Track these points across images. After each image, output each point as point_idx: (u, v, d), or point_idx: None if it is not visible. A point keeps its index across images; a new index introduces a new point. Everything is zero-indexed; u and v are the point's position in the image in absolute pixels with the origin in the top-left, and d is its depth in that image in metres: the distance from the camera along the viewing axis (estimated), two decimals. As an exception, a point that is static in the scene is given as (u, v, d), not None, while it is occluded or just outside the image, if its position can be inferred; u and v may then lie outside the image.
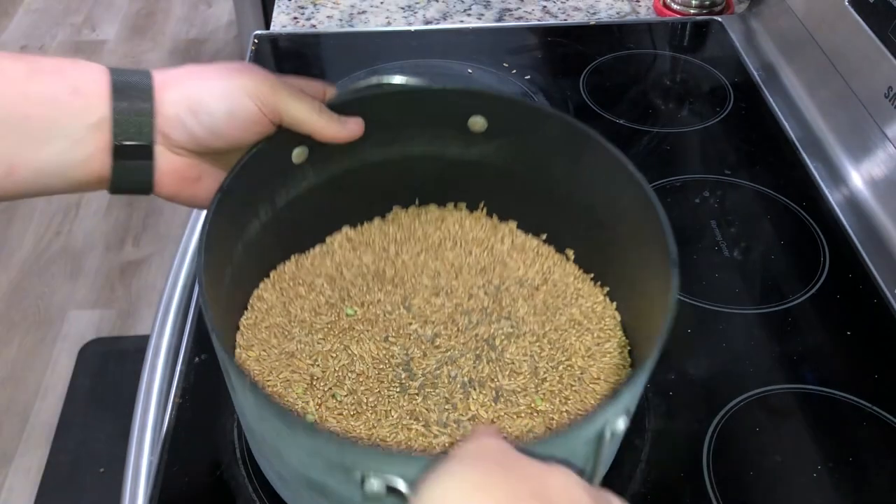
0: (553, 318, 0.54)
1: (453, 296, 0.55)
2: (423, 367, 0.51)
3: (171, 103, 0.45)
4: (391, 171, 0.57)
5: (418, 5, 0.98)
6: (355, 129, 0.52)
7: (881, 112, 0.69)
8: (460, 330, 0.53)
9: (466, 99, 0.54)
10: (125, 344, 1.60)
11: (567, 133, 0.52)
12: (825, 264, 0.65)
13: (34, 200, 1.89)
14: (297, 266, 0.57)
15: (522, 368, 0.51)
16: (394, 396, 0.49)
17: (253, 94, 0.46)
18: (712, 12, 0.96)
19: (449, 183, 0.59)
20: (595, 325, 0.53)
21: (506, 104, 0.54)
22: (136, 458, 0.57)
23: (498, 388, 0.50)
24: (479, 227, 0.60)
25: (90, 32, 2.43)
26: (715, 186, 0.73)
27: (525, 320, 0.53)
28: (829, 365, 0.58)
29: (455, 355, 0.51)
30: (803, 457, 0.53)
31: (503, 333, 0.53)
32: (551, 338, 0.52)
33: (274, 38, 0.91)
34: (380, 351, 0.51)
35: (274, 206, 0.54)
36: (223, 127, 0.45)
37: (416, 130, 0.56)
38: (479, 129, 0.55)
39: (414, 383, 0.50)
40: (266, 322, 0.53)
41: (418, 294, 0.55)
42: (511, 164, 0.57)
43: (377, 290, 0.55)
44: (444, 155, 0.57)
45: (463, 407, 0.48)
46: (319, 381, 0.50)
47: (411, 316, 0.54)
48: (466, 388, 0.49)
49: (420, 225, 0.60)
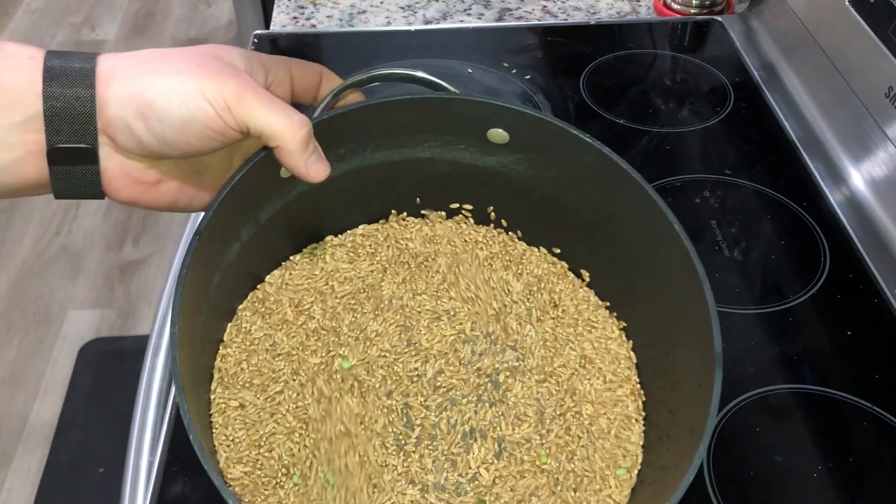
0: (562, 353, 0.50)
1: (455, 321, 0.51)
2: (422, 415, 0.47)
3: (117, 102, 0.38)
4: (392, 173, 0.53)
5: (418, 5, 0.98)
6: (318, 173, 0.43)
7: (881, 112, 0.69)
8: (462, 363, 0.49)
9: (487, 111, 0.50)
10: (125, 344, 1.60)
11: (602, 165, 0.48)
12: (825, 264, 0.65)
13: (34, 200, 1.90)
14: (281, 281, 0.52)
15: (528, 413, 0.47)
16: (389, 456, 0.45)
17: (212, 100, 0.38)
18: (712, 12, 0.96)
19: (456, 185, 0.55)
20: (607, 367, 0.50)
21: (529, 120, 0.50)
22: (136, 458, 0.57)
23: (500, 440, 0.46)
24: (486, 241, 0.55)
25: (90, 32, 2.43)
26: (715, 186, 0.73)
27: (532, 352, 0.50)
28: (829, 365, 0.58)
29: (456, 397, 0.47)
30: (803, 457, 0.53)
31: (508, 367, 0.49)
32: (559, 377, 0.49)
33: (274, 37, 0.91)
34: (379, 405, 0.47)
35: (257, 222, 0.49)
36: (176, 137, 0.38)
37: (427, 135, 0.52)
38: (501, 141, 0.51)
39: (412, 436, 0.46)
40: (249, 360, 0.48)
41: (419, 322, 0.51)
42: (530, 179, 0.53)
43: (373, 319, 0.50)
44: (456, 159, 0.53)
45: (463, 465, 0.45)
46: (306, 437, 0.45)
47: (412, 352, 0.49)
48: (468, 440, 0.46)
49: (420, 237, 0.55)
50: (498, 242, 0.55)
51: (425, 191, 0.56)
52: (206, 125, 0.38)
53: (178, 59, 0.39)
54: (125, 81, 0.38)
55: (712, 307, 0.41)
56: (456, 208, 0.57)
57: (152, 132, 0.38)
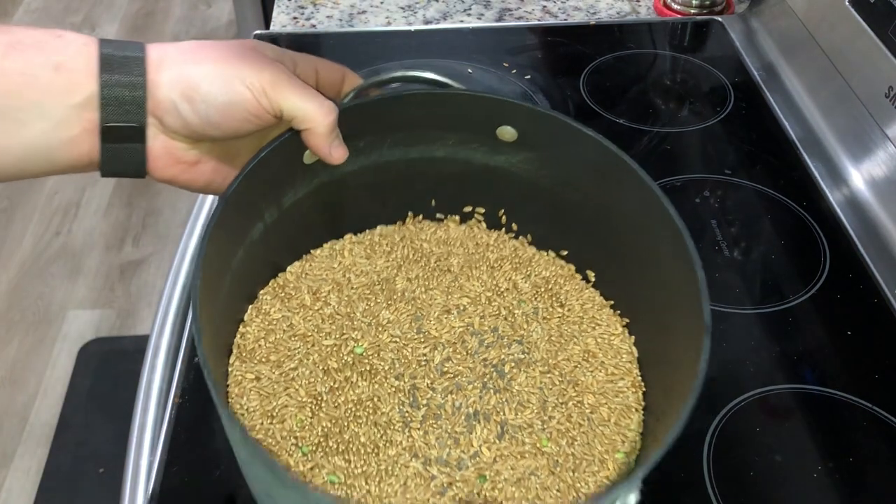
0: (567, 347, 0.51)
1: (464, 315, 0.53)
2: (427, 396, 0.48)
3: (166, 85, 0.42)
4: (409, 171, 0.55)
5: (418, 5, 0.98)
6: (339, 156, 0.48)
7: (881, 112, 0.69)
8: (469, 353, 0.51)
9: (499, 108, 0.52)
10: (125, 344, 1.60)
11: (603, 157, 0.49)
12: (825, 264, 0.65)
13: (34, 200, 1.90)
14: (301, 271, 0.55)
15: (531, 401, 0.49)
16: (395, 432, 0.47)
17: (251, 85, 0.42)
18: (712, 12, 0.96)
19: (470, 187, 0.57)
20: (610, 360, 0.51)
21: (541, 118, 0.52)
22: (136, 458, 0.57)
23: (503, 423, 0.48)
24: (497, 244, 0.57)
25: (90, 32, 2.43)
26: (715, 186, 0.73)
27: (538, 346, 0.51)
28: (829, 365, 0.58)
29: (462, 382, 0.49)
30: (803, 457, 0.53)
31: (513, 359, 0.51)
32: (563, 369, 0.50)
33: (274, 37, 0.91)
34: (386, 386, 0.49)
35: (280, 207, 0.51)
36: (219, 117, 0.42)
37: (441, 132, 0.54)
38: (509, 138, 0.53)
39: (417, 414, 0.48)
40: (267, 338, 0.51)
41: (430, 313, 0.53)
42: (538, 177, 0.54)
43: (385, 308, 0.53)
44: (469, 159, 0.55)
45: (465, 443, 0.46)
46: (317, 412, 0.47)
47: (421, 339, 0.51)
48: (471, 421, 0.47)
49: (434, 239, 0.57)
50: (508, 247, 0.58)
51: (440, 192, 0.58)
52: (245, 108, 0.42)
53: (219, 49, 0.43)
54: (173, 68, 0.42)
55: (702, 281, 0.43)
56: (469, 212, 0.59)
57: (197, 113, 0.42)
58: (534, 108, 0.52)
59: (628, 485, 0.37)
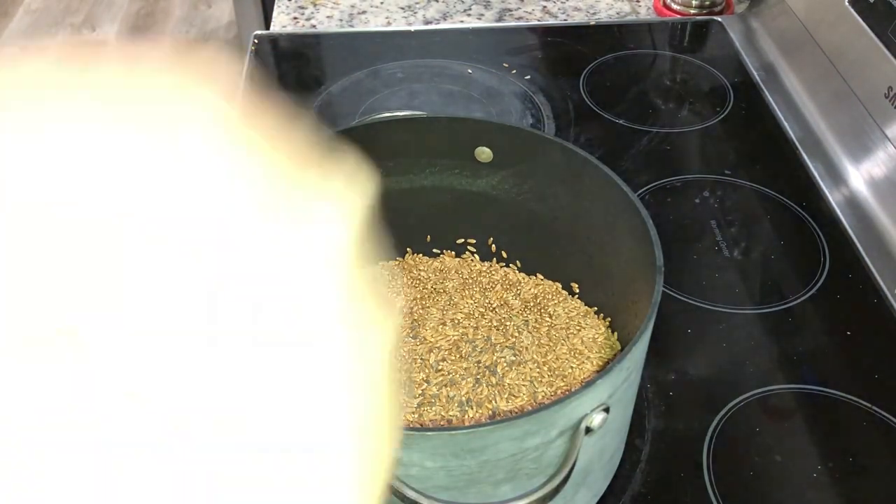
0: (555, 349, 0.55)
1: (459, 326, 0.56)
2: (422, 388, 0.51)
3: None
4: (402, 202, 0.58)
5: (418, 5, 0.98)
6: None
7: (881, 112, 0.69)
8: (463, 357, 0.54)
9: (469, 129, 0.55)
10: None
11: (566, 159, 0.53)
12: (825, 264, 0.65)
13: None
14: None
15: (521, 392, 0.52)
16: None
17: None
18: (712, 12, 0.96)
19: (458, 217, 0.60)
20: (595, 355, 0.54)
21: (506, 132, 0.55)
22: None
23: (495, 409, 0.50)
24: (489, 272, 0.61)
25: (90, 32, 2.43)
26: (715, 186, 0.73)
27: (528, 349, 0.54)
28: (829, 365, 0.58)
29: (456, 378, 0.52)
30: (803, 457, 0.53)
31: (506, 361, 0.54)
32: (552, 366, 0.53)
33: (274, 38, 0.91)
34: None
35: None
36: None
37: (426, 161, 0.57)
38: (486, 159, 0.57)
39: (412, 403, 0.50)
40: None
41: (426, 324, 0.56)
42: (516, 196, 0.58)
43: None
44: (453, 186, 0.59)
45: (458, 423, 0.49)
46: None
47: (418, 343, 0.54)
48: (464, 408, 0.50)
49: (431, 269, 0.61)
50: (500, 274, 0.62)
51: (433, 227, 0.62)
52: None
53: None
54: None
55: (653, 234, 0.46)
56: (461, 243, 0.63)
57: None
58: (501, 123, 0.56)
59: (593, 390, 0.39)
